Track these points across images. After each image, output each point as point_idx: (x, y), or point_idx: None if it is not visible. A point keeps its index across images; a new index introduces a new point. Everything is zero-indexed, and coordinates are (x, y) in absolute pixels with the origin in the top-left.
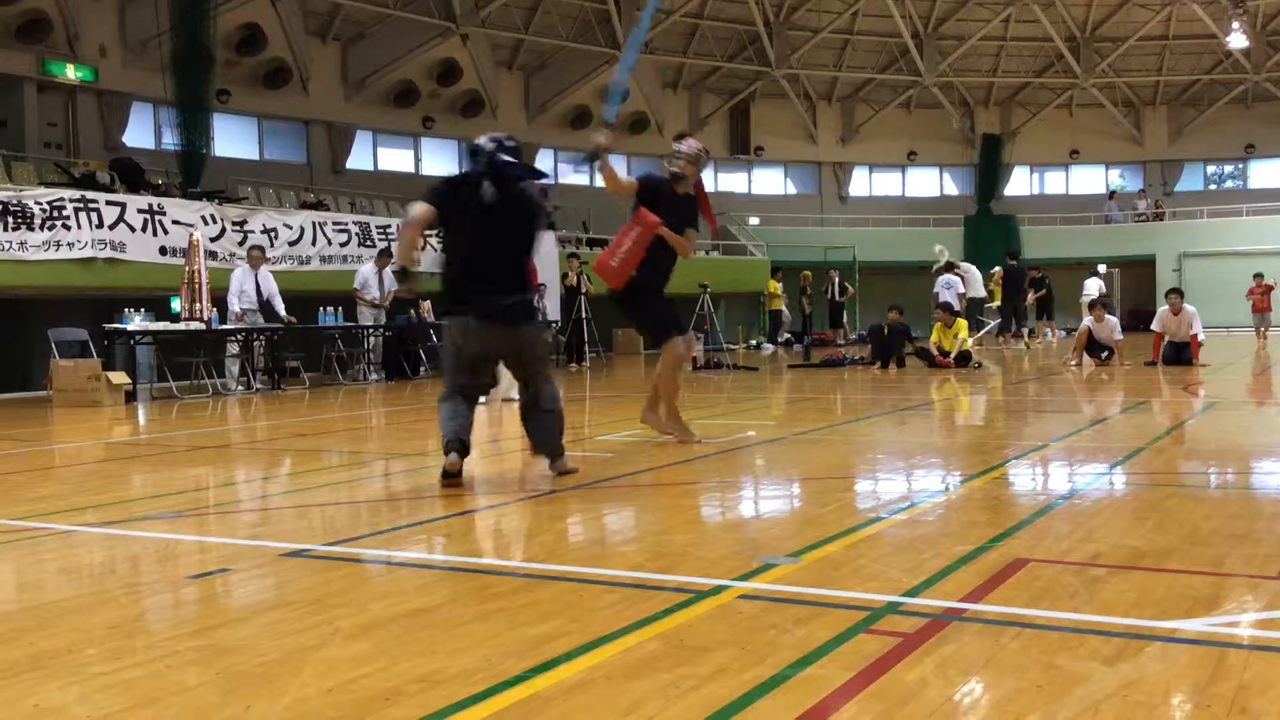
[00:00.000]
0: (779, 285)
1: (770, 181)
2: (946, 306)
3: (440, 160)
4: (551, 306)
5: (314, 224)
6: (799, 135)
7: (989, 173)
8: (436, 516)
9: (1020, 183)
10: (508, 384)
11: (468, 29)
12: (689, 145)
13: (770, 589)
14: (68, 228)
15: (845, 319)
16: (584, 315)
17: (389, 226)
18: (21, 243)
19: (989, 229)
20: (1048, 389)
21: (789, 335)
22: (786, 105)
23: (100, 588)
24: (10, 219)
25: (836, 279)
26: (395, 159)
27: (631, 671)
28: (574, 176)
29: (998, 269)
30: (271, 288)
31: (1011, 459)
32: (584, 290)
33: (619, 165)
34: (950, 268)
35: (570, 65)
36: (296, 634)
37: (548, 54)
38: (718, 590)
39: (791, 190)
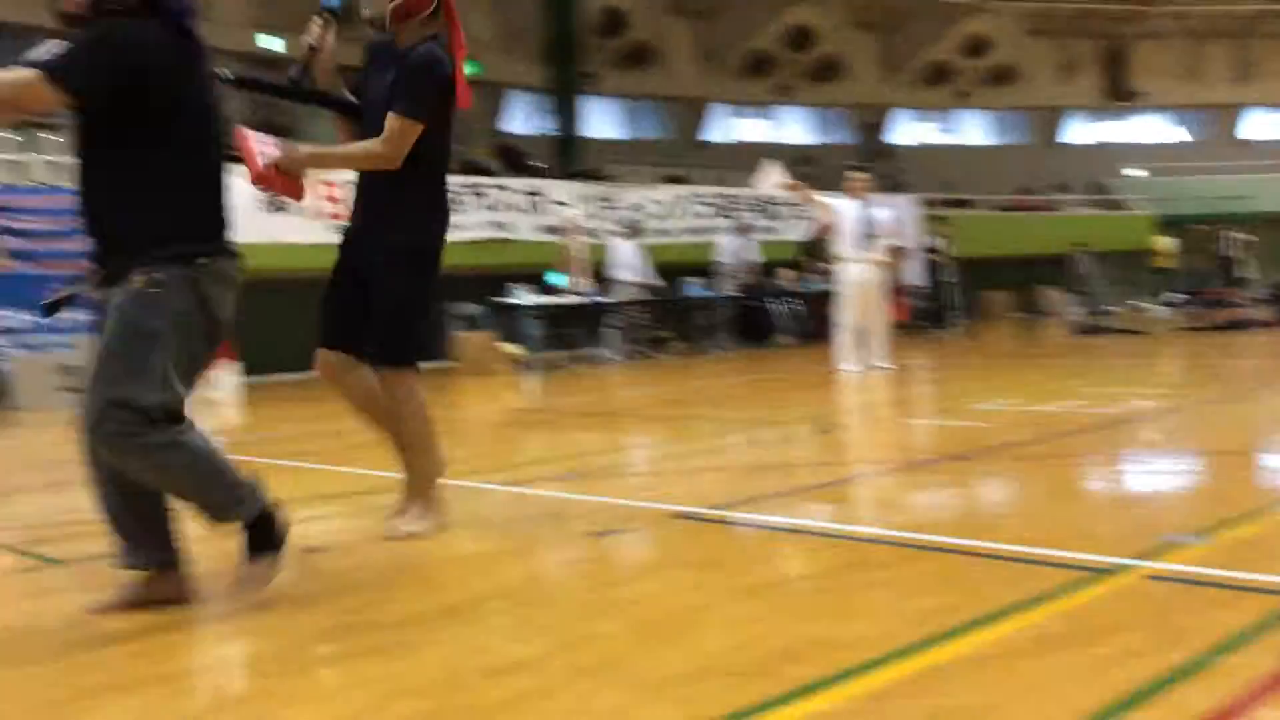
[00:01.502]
0: (1169, 242)
1: (1151, 129)
2: None
3: (798, 127)
4: (913, 270)
5: (678, 198)
6: (1184, 76)
7: None
8: (810, 484)
9: None
10: (880, 351)
11: None
12: None
13: (1177, 570)
14: (461, 211)
15: (1244, 277)
16: (947, 279)
17: (757, 197)
18: None
19: None
20: None
21: (1182, 295)
22: (1169, 45)
23: (514, 542)
24: None
25: (1228, 236)
26: (752, 129)
27: (1031, 650)
28: (936, 135)
29: None
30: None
31: None
32: (947, 252)
33: (984, 121)
34: None
35: (927, 20)
36: (693, 591)
37: (903, 12)
38: (1118, 569)
39: (1177, 138)
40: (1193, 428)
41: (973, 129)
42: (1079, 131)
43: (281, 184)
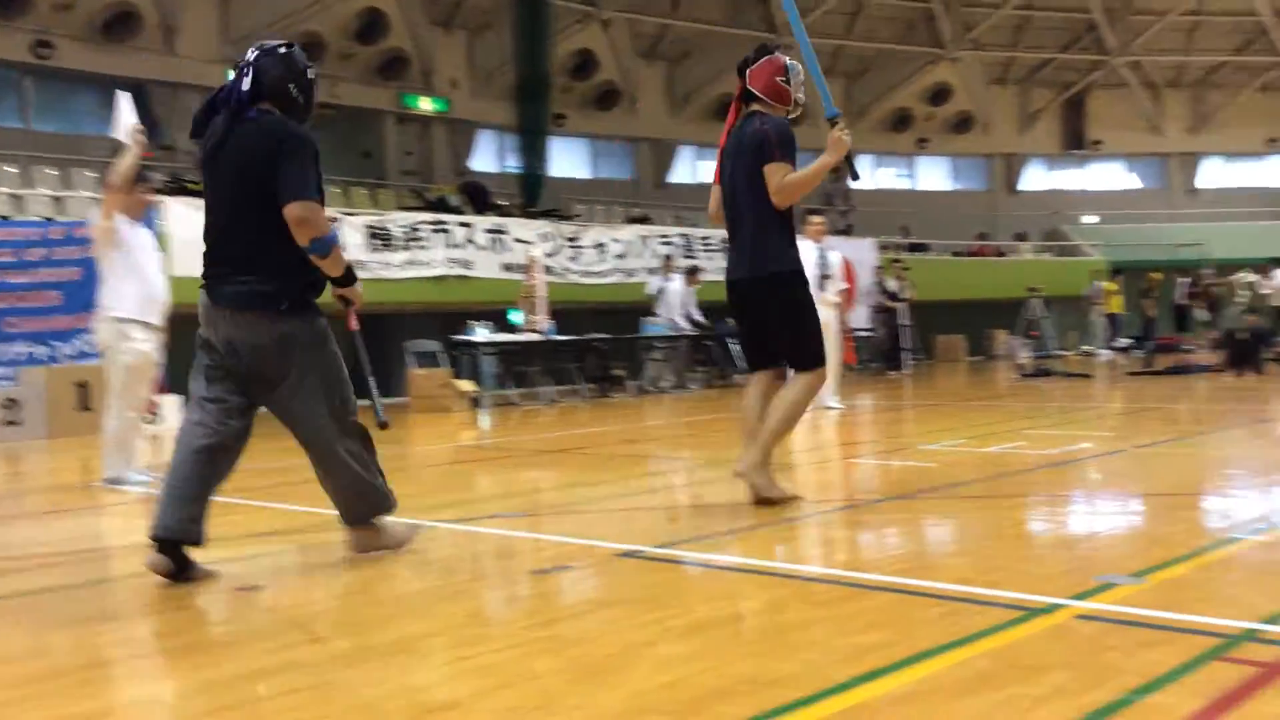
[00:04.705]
0: (1116, 285)
1: (1109, 177)
2: None
3: None
4: (861, 314)
5: (640, 238)
6: (1140, 126)
7: None
8: (757, 524)
9: None
10: (829, 393)
11: (788, 40)
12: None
13: (1110, 610)
14: (424, 248)
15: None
16: (904, 322)
17: (710, 237)
18: (385, 263)
19: None
20: None
21: (1129, 340)
22: (1126, 95)
23: (456, 580)
24: (376, 241)
25: (1184, 282)
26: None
27: (961, 687)
28: (895, 180)
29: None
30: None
31: None
32: (905, 297)
33: (942, 167)
34: None
35: (892, 68)
36: (633, 630)
37: (869, 58)
38: (1052, 609)
39: (1133, 185)
40: (1133, 470)
41: (933, 175)
42: (1039, 179)
43: None
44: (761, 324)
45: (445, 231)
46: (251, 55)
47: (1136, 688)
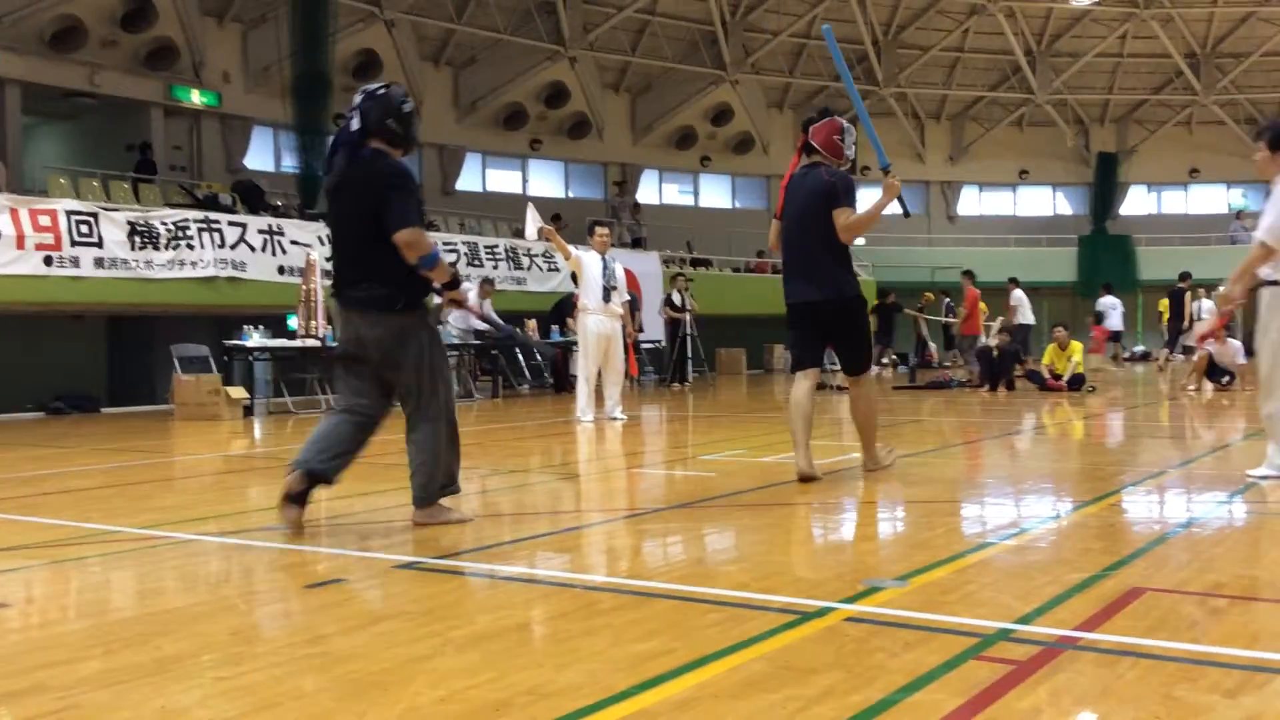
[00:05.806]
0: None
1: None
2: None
3: (547, 180)
4: (652, 324)
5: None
6: (906, 154)
7: (1104, 192)
8: (542, 533)
9: (1137, 202)
10: (613, 404)
11: (576, 52)
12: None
13: (877, 612)
14: (191, 247)
15: (955, 341)
16: (689, 333)
17: (496, 246)
18: (148, 261)
19: (1104, 249)
20: (1165, 414)
21: (893, 357)
22: (893, 124)
23: (221, 595)
24: (138, 239)
25: (945, 302)
26: (503, 180)
27: (737, 691)
28: (679, 197)
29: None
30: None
31: (1127, 485)
32: (689, 309)
33: (723, 186)
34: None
35: (676, 87)
36: (409, 644)
37: (654, 76)
38: (823, 612)
39: (896, 210)
40: (897, 478)
41: (714, 193)
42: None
43: None
44: (826, 335)
45: (216, 231)
46: (358, 100)
47: (902, 687)
